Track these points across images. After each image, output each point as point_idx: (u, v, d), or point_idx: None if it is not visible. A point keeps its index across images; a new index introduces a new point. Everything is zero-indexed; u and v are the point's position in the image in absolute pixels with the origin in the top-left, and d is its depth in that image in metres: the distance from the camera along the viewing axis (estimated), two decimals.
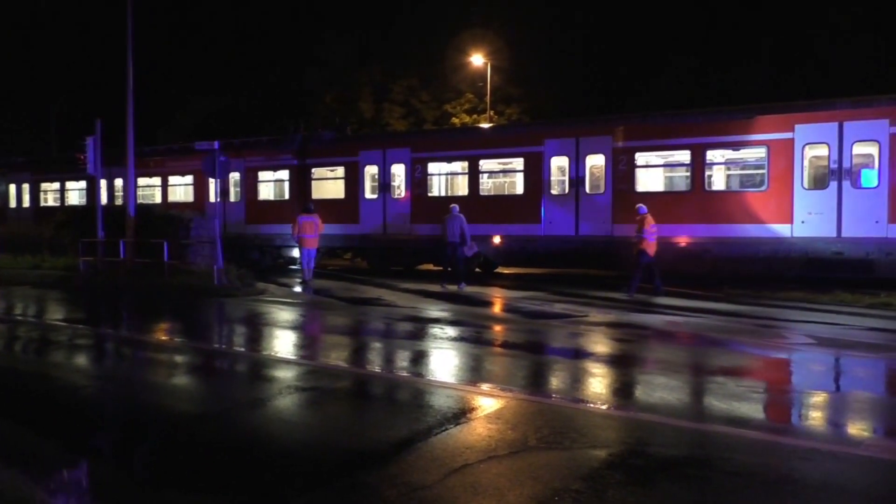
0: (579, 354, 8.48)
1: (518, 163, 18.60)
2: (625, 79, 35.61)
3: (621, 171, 16.91)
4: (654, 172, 17.56)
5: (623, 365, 7.90)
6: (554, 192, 17.88)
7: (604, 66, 36.52)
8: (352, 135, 24.08)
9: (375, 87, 35.49)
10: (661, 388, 6.73)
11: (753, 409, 6.06)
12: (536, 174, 17.87)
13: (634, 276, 14.47)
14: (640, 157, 16.91)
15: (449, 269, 16.42)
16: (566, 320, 11.16)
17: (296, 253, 20.83)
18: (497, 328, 10.73)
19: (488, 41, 33.54)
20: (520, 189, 18.59)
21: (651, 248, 14.43)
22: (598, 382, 7.06)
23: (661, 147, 16.73)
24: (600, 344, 9.19)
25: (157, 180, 24.69)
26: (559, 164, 18.01)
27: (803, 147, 15.15)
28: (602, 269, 18.71)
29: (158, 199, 24.45)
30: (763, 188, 15.54)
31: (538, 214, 17.70)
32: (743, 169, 16.66)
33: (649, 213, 14.71)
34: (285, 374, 7.42)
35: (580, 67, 36.17)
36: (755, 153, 15.82)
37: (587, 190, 17.32)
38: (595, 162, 17.55)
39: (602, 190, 17.21)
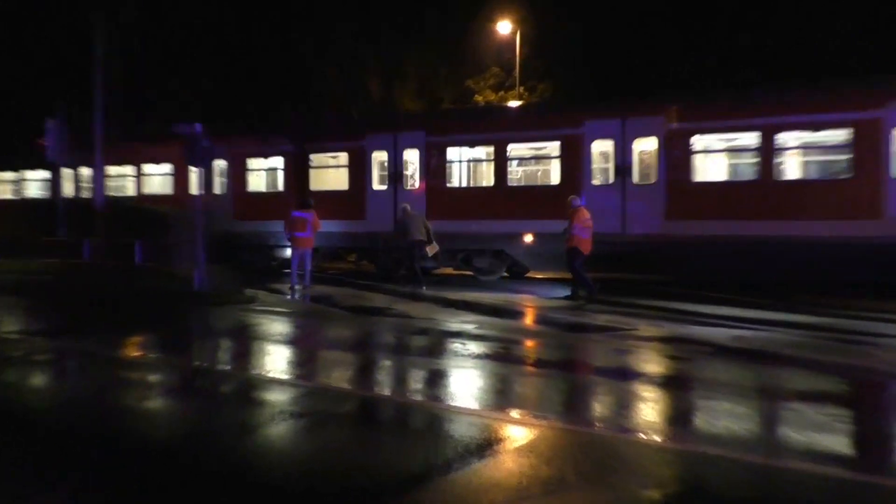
0: (627, 375, 8.41)
1: (553, 148, 18.53)
2: (679, 50, 35.35)
3: (676, 158, 16.78)
4: (716, 159, 17.45)
5: (679, 388, 7.82)
6: (595, 181, 17.79)
7: (655, 36, 36.29)
8: (357, 116, 24.23)
9: (384, 62, 35.59)
10: (725, 416, 6.65)
11: (838, 443, 5.94)
12: (575, 161, 17.80)
13: (578, 280, 15.09)
14: (699, 141, 16.80)
15: (407, 271, 17.00)
16: (611, 334, 11.10)
17: (289, 253, 20.92)
18: (528, 343, 10.67)
19: (517, 6, 33.49)
20: (555, 178, 18.52)
21: (585, 245, 15.04)
22: (650, 408, 6.99)
23: (724, 129, 16.60)
24: (652, 362, 9.12)
25: (130, 169, 24.94)
26: (602, 150, 17.93)
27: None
28: (653, 274, 18.57)
29: (132, 191, 24.69)
30: (847, 176, 15.34)
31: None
32: (825, 154, 16.46)
33: (584, 207, 15.35)
34: (278, 397, 7.41)
35: (627, 37, 35.98)
36: (838, 136, 15.62)
37: (635, 180, 17.23)
38: (644, 147, 17.46)
39: (653, 180, 17.11)
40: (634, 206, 17.12)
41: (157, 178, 24.61)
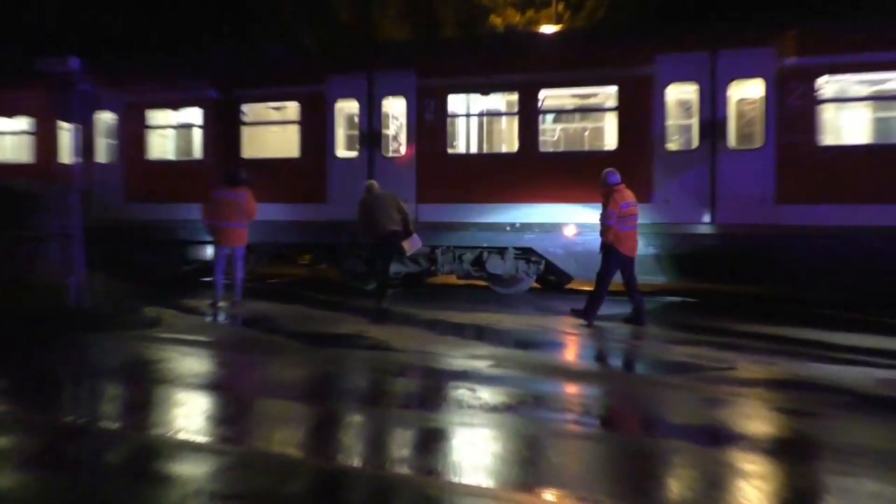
0: (719, 438, 8.36)
1: (608, 95, 18.48)
2: None
3: (793, 109, 16.74)
4: (856, 111, 17.42)
5: (799, 458, 7.78)
6: (671, 146, 17.76)
7: None
8: (314, 49, 24.18)
9: None
10: (870, 501, 6.60)
11: None
12: (640, 116, 17.77)
13: (597, 292, 15.16)
14: (830, 84, 16.77)
15: (378, 276, 17.46)
16: (694, 375, 11.06)
17: (211, 253, 20.90)
18: (569, 389, 10.59)
19: None
20: (610, 142, 18.48)
21: (626, 241, 14.93)
22: (755, 490, 6.95)
23: (869, 66, 16.55)
24: (757, 419, 9.07)
25: None
26: (680, 98, 17.88)
27: None
28: (758, 284, 18.53)
29: None
30: None
31: (644, 187, 17.58)
32: None
33: (623, 184, 15.07)
34: (193, 470, 7.36)
35: None
36: None
37: (731, 143, 17.21)
38: (745, 93, 17.42)
39: (758, 142, 17.09)
40: (730, 183, 17.08)
41: (9, 138, 24.57)
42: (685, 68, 17.58)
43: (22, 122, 24.20)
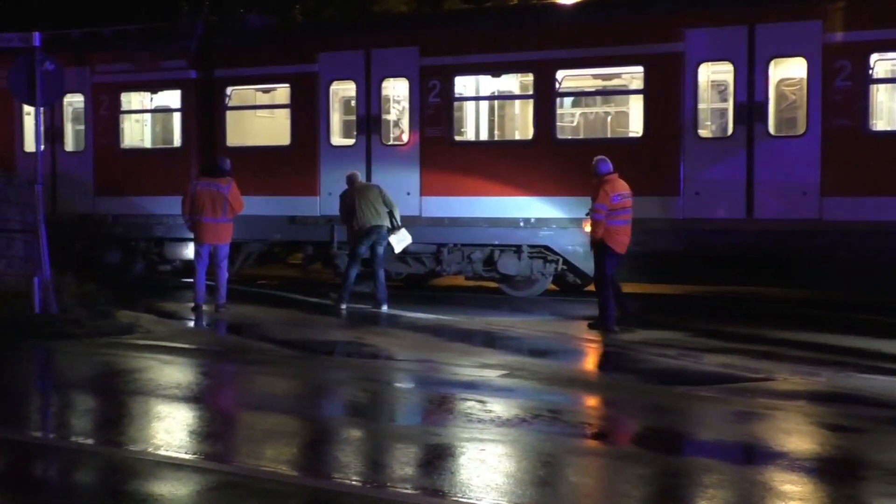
0: (754, 455, 8.40)
1: (632, 76, 18.44)
2: None
3: (841, 91, 16.73)
4: None
5: (845, 477, 7.79)
6: (704, 132, 17.72)
7: None
8: (304, 21, 24.02)
9: None
10: None
11: None
12: (669, 98, 17.74)
13: (603, 297, 15.11)
14: (880, 64, 16.69)
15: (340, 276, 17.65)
16: (727, 386, 11.06)
17: (191, 252, 20.93)
18: (590, 402, 10.67)
19: None
20: (636, 127, 18.44)
21: (617, 236, 14.99)
22: None
23: None
24: (797, 434, 9.09)
25: None
26: (715, 78, 17.83)
27: None
28: (800, 286, 18.53)
29: None
30: None
31: (672, 178, 17.59)
32: None
33: (616, 174, 15.23)
34: (175, 490, 7.42)
35: None
36: None
37: (770, 128, 17.17)
38: (787, 72, 17.34)
39: (800, 129, 17.05)
40: (768, 174, 17.02)
41: None
42: (718, 45, 17.49)
43: None
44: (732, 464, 8.20)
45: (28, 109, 20.84)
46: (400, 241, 17.72)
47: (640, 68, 18.08)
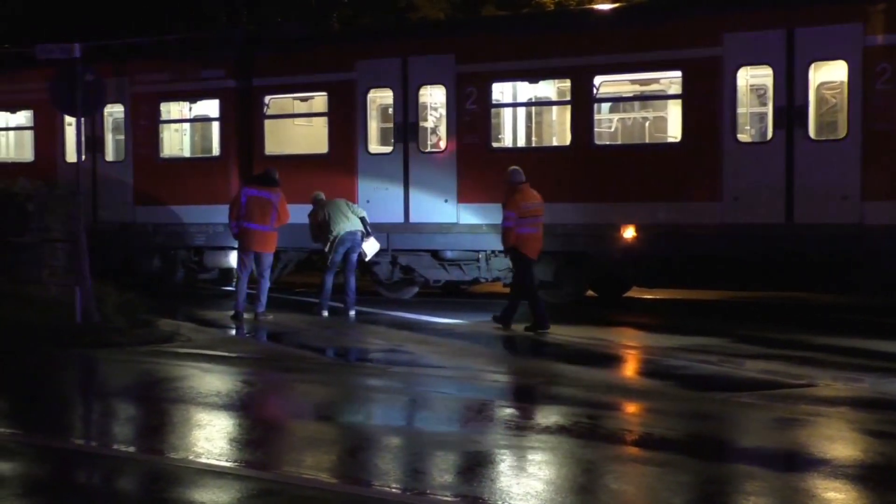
0: (796, 462, 8.37)
1: (671, 80, 18.38)
2: None
3: (882, 94, 16.61)
4: None
5: (887, 484, 7.70)
6: (743, 136, 17.64)
7: None
8: (341, 29, 24.04)
9: None
10: None
11: None
12: (708, 103, 17.67)
13: (531, 301, 15.82)
14: None
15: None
16: (770, 394, 11.01)
17: (230, 260, 21.02)
18: (629, 409, 10.62)
19: None
20: (674, 132, 18.37)
21: (528, 243, 15.75)
22: None
23: None
24: (840, 441, 9.04)
25: None
26: (754, 82, 17.73)
27: None
28: (841, 292, 18.41)
29: None
30: None
31: (712, 182, 17.52)
32: None
33: (527, 183, 16.05)
34: (216, 498, 7.46)
35: None
36: None
37: (811, 132, 17.07)
38: (827, 76, 17.24)
39: (841, 133, 16.95)
40: (808, 178, 16.91)
41: (9, 134, 24.80)
42: (757, 49, 17.40)
43: (20, 117, 24.44)
44: (775, 471, 8.16)
45: (69, 120, 20.98)
46: (370, 247, 18.07)
47: (679, 73, 18.02)
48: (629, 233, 18.09)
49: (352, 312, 17.65)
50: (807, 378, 11.81)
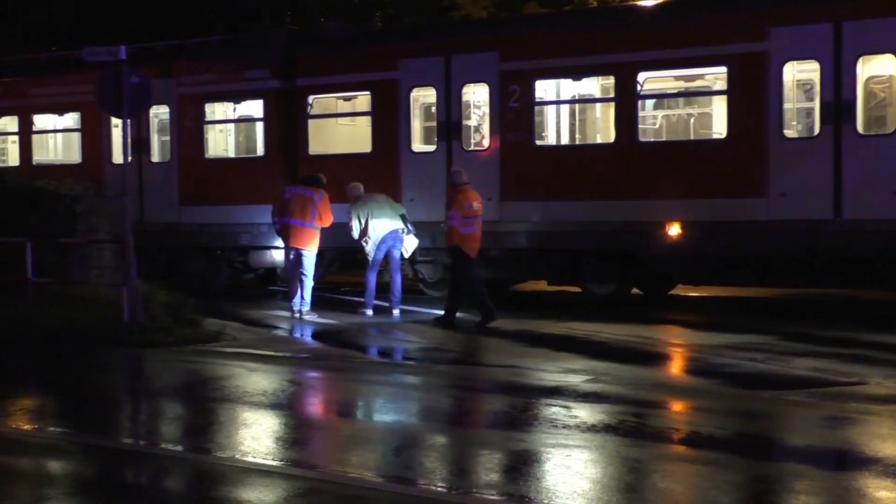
0: (847, 461, 8.31)
1: (716, 76, 18.28)
2: None
3: None
4: None
5: None
6: (790, 132, 17.52)
7: None
8: (384, 28, 24.02)
9: None
10: None
11: None
12: (753, 98, 17.57)
13: (476, 297, 16.28)
14: None
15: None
16: (818, 392, 10.93)
17: (279, 258, 21.07)
18: (676, 408, 10.57)
19: None
20: (719, 128, 18.27)
21: (470, 242, 16.30)
22: None
23: None
24: (893, 440, 8.95)
25: (8, 122, 25.46)
26: (800, 77, 17.62)
27: None
28: (890, 289, 18.24)
29: (14, 160, 25.20)
30: None
31: (758, 179, 17.41)
32: None
33: (469, 184, 16.61)
34: (262, 496, 7.51)
35: None
36: None
37: (859, 127, 16.93)
38: (875, 70, 17.09)
39: (890, 127, 16.81)
40: (857, 173, 16.76)
41: (56, 136, 24.96)
42: (804, 43, 17.26)
43: (68, 119, 24.62)
44: (824, 469, 8.11)
45: (115, 122, 21.18)
46: (410, 244, 18.06)
47: (724, 68, 17.91)
48: (674, 230, 18.00)
49: (396, 311, 17.68)
50: (857, 376, 11.71)
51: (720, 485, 7.65)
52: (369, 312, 17.67)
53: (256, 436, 9.58)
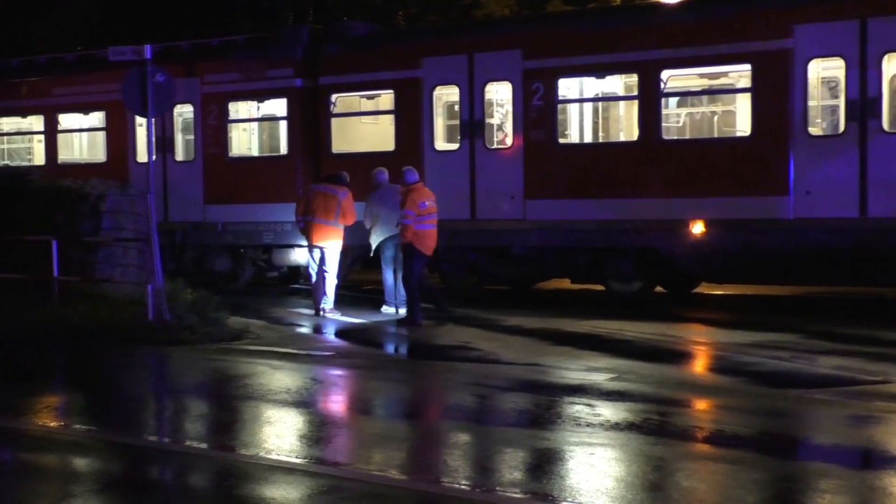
0: (872, 460, 8.28)
1: (740, 74, 18.22)
2: None
3: None
4: None
5: None
6: (814, 130, 17.45)
7: None
8: (407, 27, 24.01)
9: None
10: None
11: None
12: (777, 95, 17.51)
13: (411, 295, 16.59)
14: None
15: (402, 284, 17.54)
16: (845, 390, 10.88)
17: (303, 258, 21.10)
18: (700, 406, 10.54)
19: None
20: (743, 127, 18.20)
21: (424, 239, 16.57)
22: None
23: None
24: None
25: (34, 122, 25.60)
26: (825, 74, 17.55)
27: None
28: None
29: (40, 159, 25.34)
30: None
31: (782, 177, 17.36)
32: None
33: (421, 182, 17.09)
34: (286, 494, 7.54)
35: None
36: None
37: (884, 124, 16.85)
38: None
39: None
40: (883, 171, 16.67)
41: (82, 135, 25.07)
42: (829, 40, 17.19)
43: (93, 118, 24.71)
44: (850, 468, 8.09)
45: (140, 120, 21.25)
46: None
47: (748, 66, 17.85)
48: (698, 228, 17.96)
49: (402, 310, 17.54)
50: (882, 374, 11.64)
51: (745, 483, 7.64)
52: (391, 310, 17.68)
53: (280, 433, 9.62)
